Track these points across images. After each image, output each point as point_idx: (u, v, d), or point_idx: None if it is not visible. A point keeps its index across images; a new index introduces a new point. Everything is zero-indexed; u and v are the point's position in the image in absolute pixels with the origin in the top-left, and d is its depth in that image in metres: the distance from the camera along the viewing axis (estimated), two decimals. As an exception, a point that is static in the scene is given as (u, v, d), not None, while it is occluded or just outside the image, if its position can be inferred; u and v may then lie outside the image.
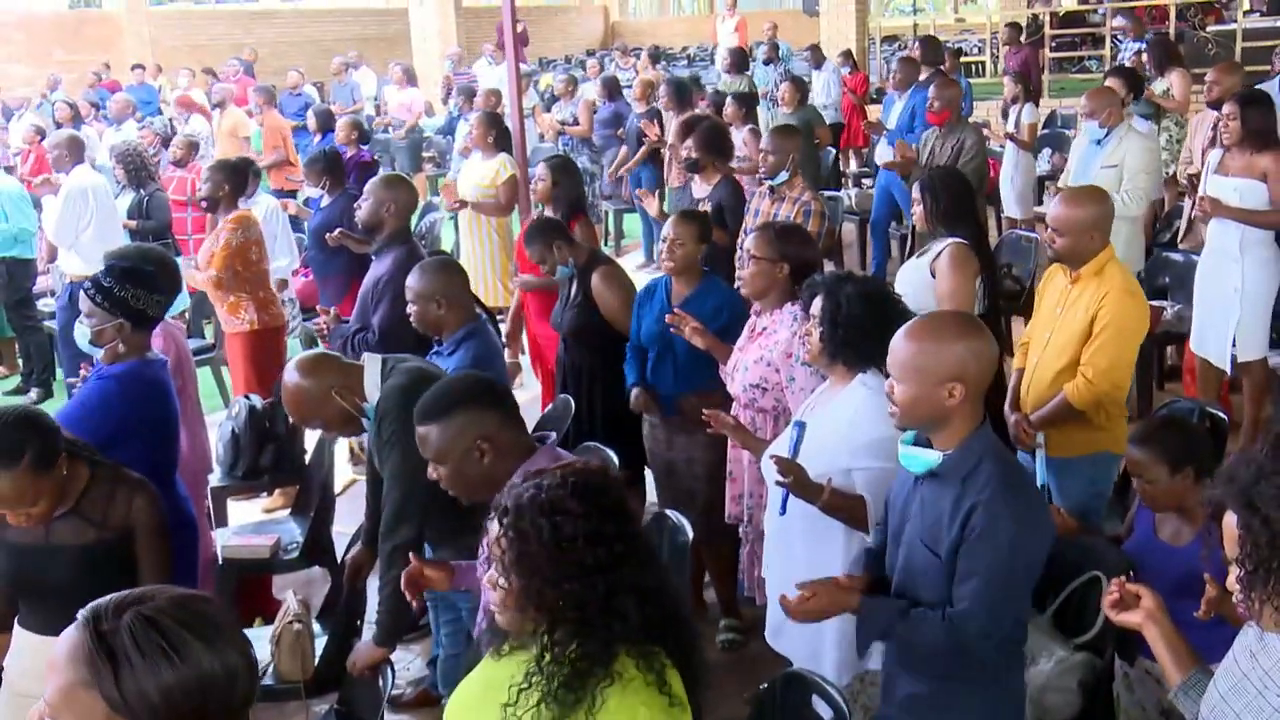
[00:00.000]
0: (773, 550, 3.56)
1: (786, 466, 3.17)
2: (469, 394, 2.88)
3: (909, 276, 4.85)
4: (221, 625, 1.66)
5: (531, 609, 2.03)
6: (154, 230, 8.12)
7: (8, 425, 2.87)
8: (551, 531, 2.00)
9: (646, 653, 2.02)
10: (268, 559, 4.65)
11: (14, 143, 12.23)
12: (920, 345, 2.64)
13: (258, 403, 5.38)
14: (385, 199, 5.35)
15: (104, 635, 1.59)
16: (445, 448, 2.83)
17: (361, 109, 15.03)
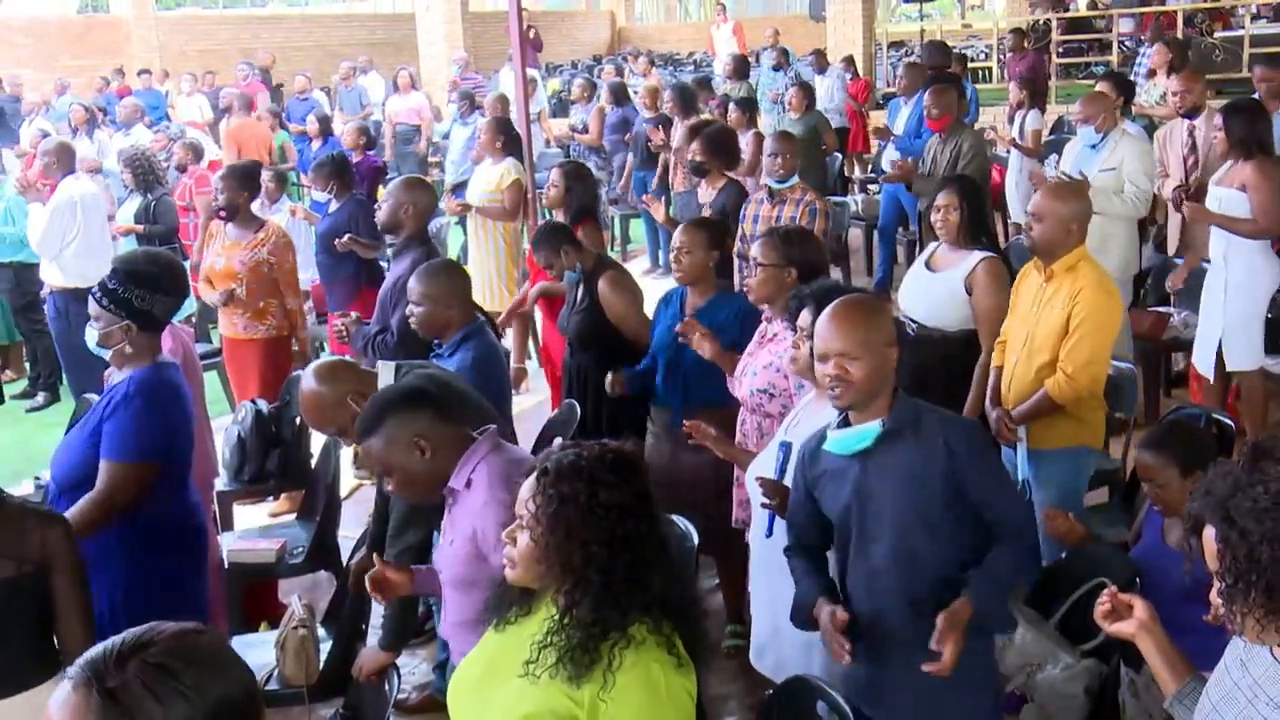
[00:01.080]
0: (759, 572, 3.54)
1: (772, 489, 3.17)
2: (395, 401, 2.93)
3: (928, 288, 4.83)
4: (222, 652, 1.65)
5: (557, 566, 2.16)
6: (161, 234, 8.15)
7: None
8: (589, 496, 2.14)
9: (657, 618, 2.16)
10: (273, 563, 4.66)
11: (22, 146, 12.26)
12: (866, 320, 2.86)
13: (264, 407, 5.39)
14: (405, 201, 5.38)
15: (114, 692, 1.54)
16: (386, 455, 2.88)
17: (370, 114, 15.06)
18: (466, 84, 14.43)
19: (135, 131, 11.85)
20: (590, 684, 2.10)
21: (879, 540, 2.85)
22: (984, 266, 4.69)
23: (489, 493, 2.83)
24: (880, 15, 20.16)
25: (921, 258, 5.10)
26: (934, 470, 2.79)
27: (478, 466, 2.89)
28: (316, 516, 4.92)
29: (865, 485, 2.85)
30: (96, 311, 3.72)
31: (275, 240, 6.10)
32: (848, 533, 2.92)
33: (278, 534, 4.99)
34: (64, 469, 3.62)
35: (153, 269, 3.99)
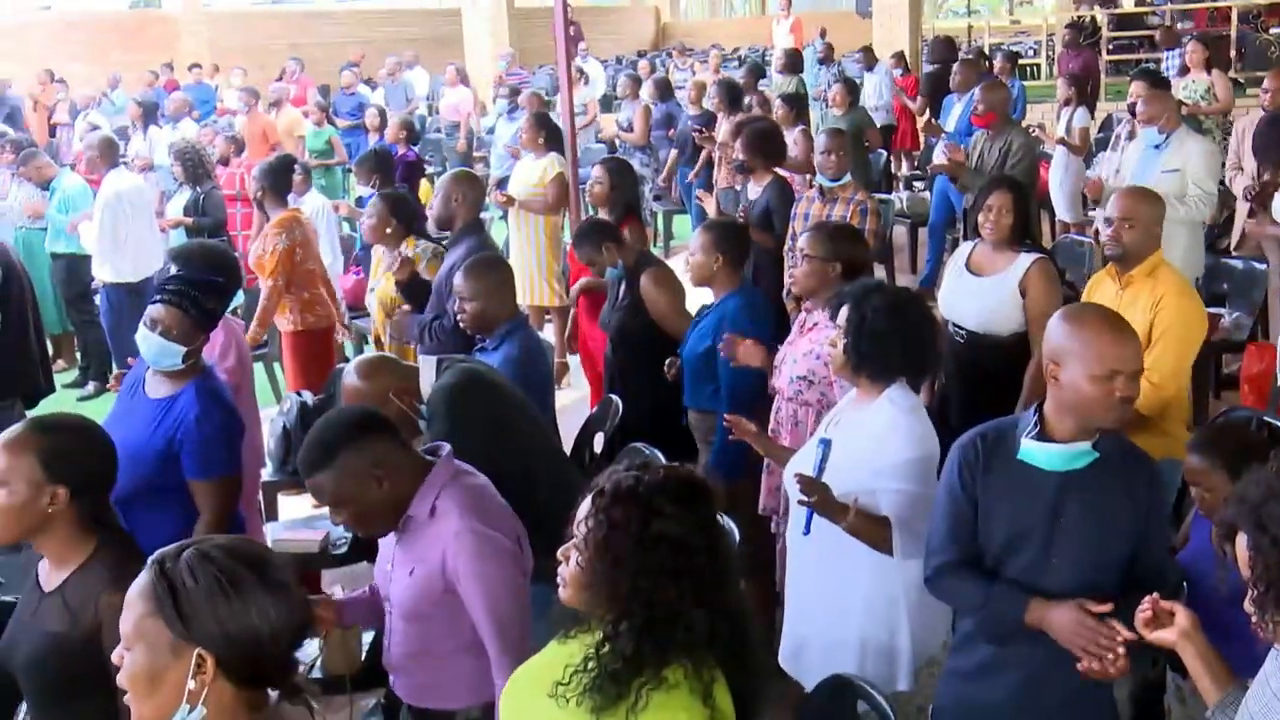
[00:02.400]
0: (795, 570, 3.51)
1: (810, 485, 3.12)
2: (348, 430, 2.75)
3: (978, 293, 4.73)
4: (271, 565, 1.83)
5: (602, 594, 2.05)
6: (210, 227, 8.24)
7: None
8: (640, 525, 2.03)
9: (700, 663, 2.03)
10: (317, 553, 4.69)
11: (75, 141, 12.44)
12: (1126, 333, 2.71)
13: (309, 399, 5.43)
14: (454, 192, 5.42)
15: (166, 570, 1.79)
16: (342, 490, 2.72)
17: (415, 109, 15.14)
18: (512, 79, 14.48)
19: (183, 126, 11.98)
20: (612, 719, 2.01)
21: (1059, 567, 2.68)
22: (1038, 268, 4.61)
23: (461, 522, 2.72)
24: (927, 11, 20.03)
25: (958, 259, 4.95)
26: (1135, 508, 2.67)
27: (441, 493, 2.78)
28: (360, 508, 4.95)
29: (1061, 505, 2.66)
30: (184, 327, 3.62)
31: (282, 230, 6.12)
32: (1015, 551, 2.71)
33: (321, 525, 5.01)
34: (133, 482, 3.33)
35: (227, 278, 4.00)
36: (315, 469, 2.72)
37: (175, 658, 1.75)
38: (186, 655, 1.74)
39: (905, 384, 3.27)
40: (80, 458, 2.68)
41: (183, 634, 1.74)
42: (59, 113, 15.33)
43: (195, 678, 1.74)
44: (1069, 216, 9.10)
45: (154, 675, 1.75)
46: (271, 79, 15.33)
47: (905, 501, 3.11)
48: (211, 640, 1.75)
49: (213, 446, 3.56)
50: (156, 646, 1.75)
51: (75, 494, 2.63)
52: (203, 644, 1.74)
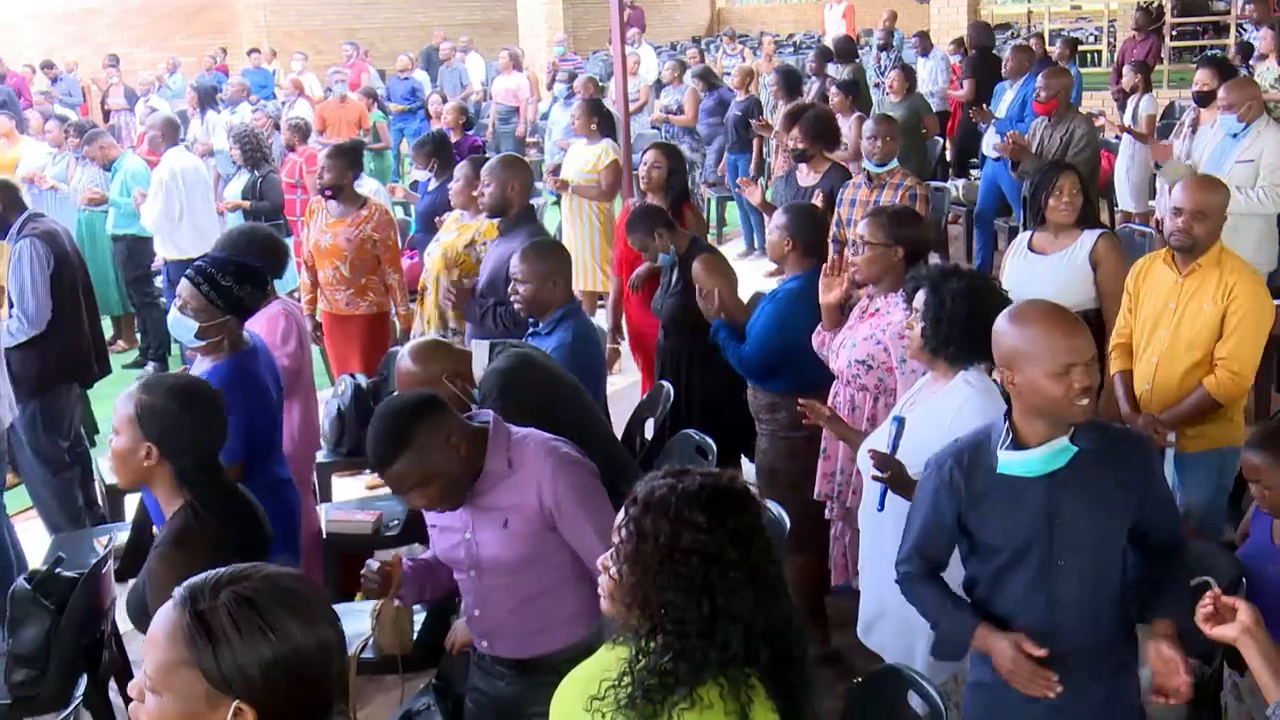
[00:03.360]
0: (868, 546, 3.52)
1: (884, 461, 3.13)
2: (414, 410, 2.76)
3: (1049, 269, 4.74)
4: (312, 601, 1.70)
5: (635, 607, 1.98)
6: (267, 211, 8.32)
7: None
8: (670, 538, 1.94)
9: (737, 681, 1.95)
10: (370, 535, 4.74)
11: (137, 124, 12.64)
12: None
13: (363, 382, 5.49)
14: (507, 179, 5.34)
15: (202, 615, 1.62)
16: (426, 468, 2.73)
17: (470, 94, 15.19)
18: (567, 65, 14.49)
19: (240, 110, 12.12)
20: None
21: (1065, 567, 2.67)
22: (1106, 241, 4.69)
23: (551, 458, 2.79)
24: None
25: (1019, 243, 4.98)
26: (1127, 491, 2.66)
27: (511, 445, 2.84)
28: (411, 491, 4.99)
29: (1053, 509, 2.64)
30: (200, 303, 3.72)
31: (379, 217, 6.21)
32: (1021, 560, 2.69)
33: (374, 506, 5.07)
34: None
35: (259, 261, 4.04)
36: (393, 456, 2.72)
37: (210, 708, 1.63)
38: (224, 706, 1.62)
39: (981, 367, 3.26)
40: (167, 419, 2.77)
41: (222, 686, 1.61)
42: (113, 97, 15.57)
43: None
44: (1133, 206, 8.96)
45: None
46: (328, 63, 15.45)
47: None
48: (253, 690, 1.62)
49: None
50: (191, 697, 1.62)
51: (165, 453, 2.77)
52: (242, 695, 1.62)
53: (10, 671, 3.71)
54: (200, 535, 2.70)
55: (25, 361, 4.91)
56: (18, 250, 5.15)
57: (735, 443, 4.88)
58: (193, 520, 2.75)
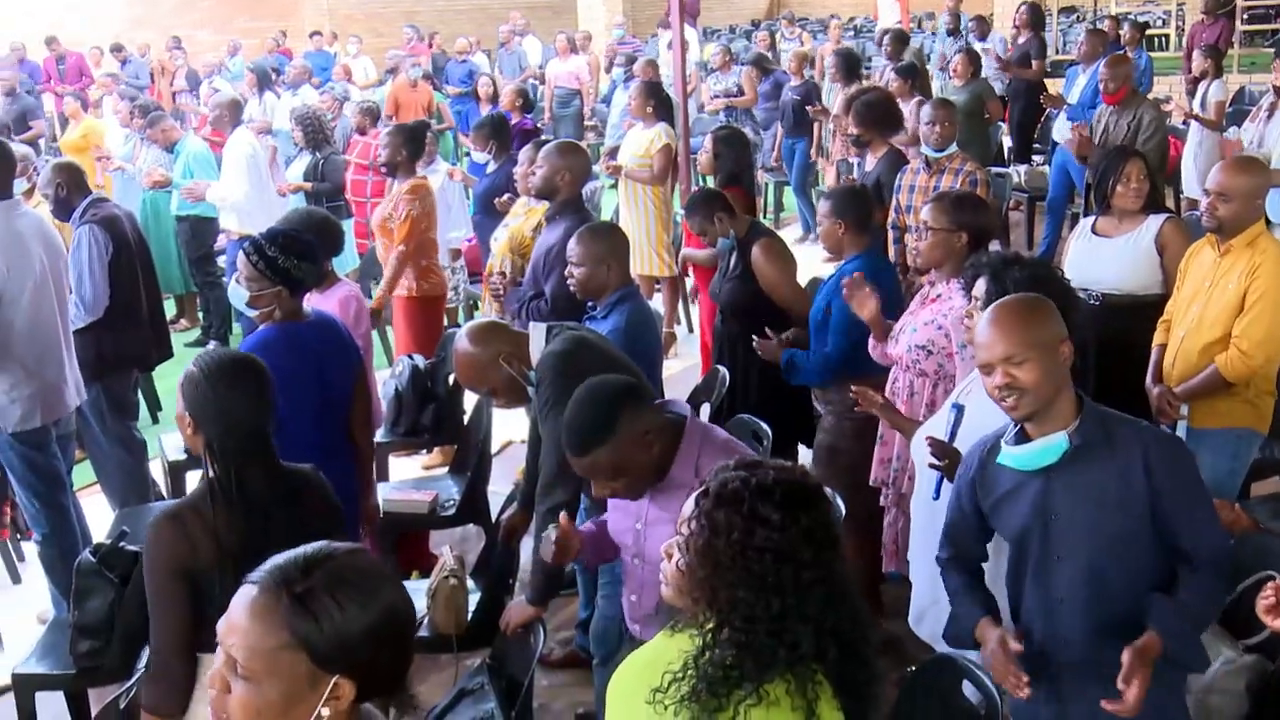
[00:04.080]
0: (920, 534, 3.48)
1: (942, 449, 3.10)
2: (620, 398, 2.78)
3: (1114, 252, 4.70)
4: (385, 572, 1.76)
5: (702, 600, 1.96)
6: (328, 192, 8.40)
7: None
8: (743, 534, 1.92)
9: (804, 678, 1.93)
10: (426, 514, 4.79)
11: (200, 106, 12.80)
12: (1030, 319, 2.64)
13: (421, 363, 5.53)
14: (560, 167, 5.28)
15: (302, 596, 1.65)
16: (622, 459, 2.74)
17: (529, 77, 15.22)
18: (625, 49, 14.46)
19: (303, 92, 12.23)
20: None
21: (1064, 563, 2.65)
22: (1172, 225, 4.66)
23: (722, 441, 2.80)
24: (1051, -21, 19.43)
25: (1083, 227, 4.96)
26: (1131, 489, 2.56)
27: (701, 454, 2.78)
28: (468, 471, 5.03)
29: (1048, 504, 2.63)
30: (251, 273, 3.80)
31: (414, 197, 6.17)
32: (1025, 554, 2.71)
33: (430, 486, 5.12)
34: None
35: (311, 236, 4.09)
36: (595, 444, 2.73)
37: (311, 687, 1.65)
38: (323, 683, 1.65)
39: None
40: (197, 391, 2.81)
41: (324, 664, 1.64)
42: (178, 79, 15.78)
43: (329, 703, 1.66)
44: (1199, 193, 8.79)
45: (285, 706, 1.66)
46: (388, 46, 15.54)
47: None
48: (353, 665, 1.66)
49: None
50: (293, 678, 1.65)
51: (197, 425, 2.80)
52: (343, 671, 1.65)
53: (76, 642, 3.78)
54: (199, 515, 2.71)
55: (85, 347, 4.99)
56: (77, 237, 5.22)
57: (791, 429, 4.86)
58: (203, 498, 2.75)
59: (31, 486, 4.71)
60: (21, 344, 4.54)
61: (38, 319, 4.58)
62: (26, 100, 13.79)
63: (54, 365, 4.68)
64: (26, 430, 4.61)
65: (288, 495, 2.81)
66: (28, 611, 4.90)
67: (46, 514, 4.74)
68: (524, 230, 5.73)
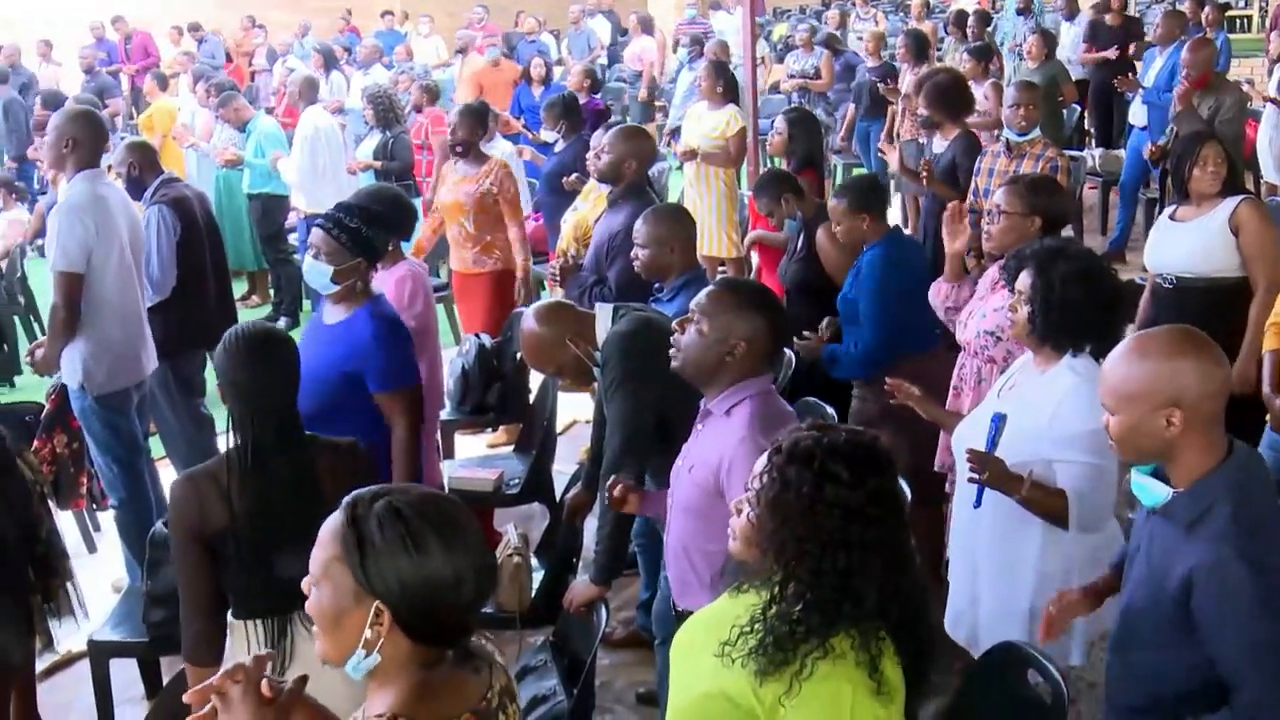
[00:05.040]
0: (960, 539, 3.42)
1: (983, 461, 3.00)
2: (768, 302, 2.96)
3: (1188, 236, 4.62)
4: (461, 528, 1.81)
5: (770, 554, 2.02)
6: (397, 171, 8.47)
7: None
8: (813, 489, 1.97)
9: (868, 634, 1.97)
10: (491, 492, 4.82)
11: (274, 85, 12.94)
12: (1129, 368, 2.32)
13: (487, 341, 5.56)
14: (626, 153, 5.23)
15: (356, 519, 1.79)
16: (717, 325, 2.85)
17: (598, 57, 15.20)
18: (695, 29, 14.39)
19: (374, 71, 12.31)
20: (776, 684, 1.96)
21: (1133, 612, 2.46)
22: (1248, 205, 4.54)
23: (747, 431, 2.77)
24: (1132, -42, 19.01)
25: (1166, 213, 4.88)
26: (1176, 573, 2.28)
27: (745, 401, 2.85)
28: (533, 450, 5.07)
29: (1138, 540, 2.46)
30: (331, 247, 3.79)
31: (497, 171, 6.26)
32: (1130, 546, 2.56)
33: (496, 464, 5.16)
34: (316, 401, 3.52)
35: (386, 207, 4.13)
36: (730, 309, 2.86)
37: (356, 604, 1.77)
38: (367, 605, 1.76)
39: (1088, 352, 3.15)
40: (219, 362, 2.95)
41: (365, 584, 1.76)
42: (257, 58, 15.97)
43: (372, 628, 1.76)
44: (1277, 179, 8.59)
45: (337, 615, 1.79)
46: (458, 25, 15.59)
47: (1084, 474, 3.00)
48: (390, 595, 1.76)
49: (394, 360, 3.73)
50: (340, 590, 1.78)
51: (224, 394, 2.94)
52: (382, 597, 1.76)
53: (148, 611, 3.87)
54: (214, 480, 2.85)
55: (152, 326, 5.08)
56: (146, 217, 5.29)
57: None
58: (221, 465, 2.88)
59: (111, 450, 4.82)
60: (109, 307, 4.70)
61: (123, 283, 4.75)
62: (104, 79, 14.04)
63: (136, 329, 4.86)
64: (110, 393, 4.74)
65: (308, 467, 2.90)
66: (103, 580, 5.02)
67: (124, 479, 4.86)
68: (589, 218, 5.74)
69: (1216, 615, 2.23)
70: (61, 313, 4.60)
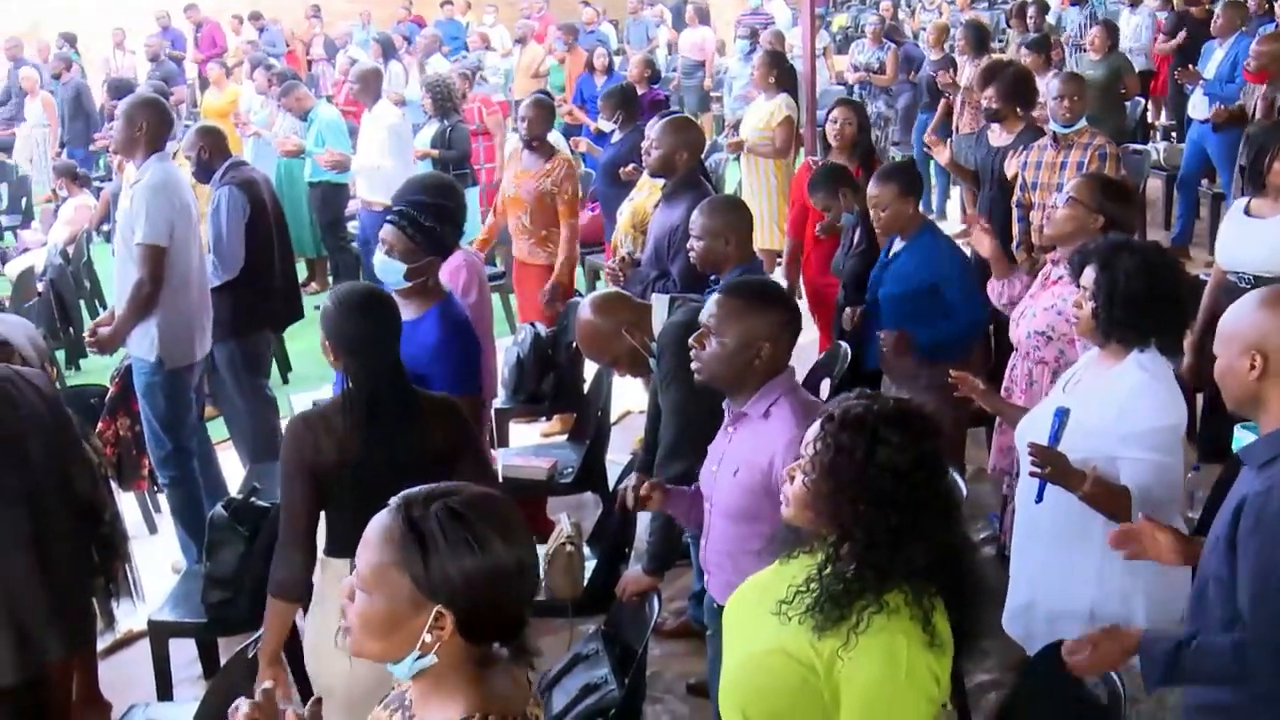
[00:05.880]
0: (1022, 538, 3.37)
1: (1045, 456, 2.97)
2: (777, 295, 2.97)
3: (1266, 232, 4.51)
4: (514, 522, 1.81)
5: (825, 516, 2.12)
6: (455, 160, 8.50)
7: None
8: (866, 452, 2.07)
9: (919, 589, 2.07)
10: (545, 481, 4.84)
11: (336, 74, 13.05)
12: (1232, 312, 2.48)
13: (542, 330, 5.58)
14: (677, 144, 5.23)
15: (415, 522, 1.75)
16: (736, 331, 2.85)
17: (656, 47, 15.19)
18: (758, 19, 14.33)
19: (433, 61, 12.38)
20: (833, 639, 2.06)
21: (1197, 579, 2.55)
22: None
23: (797, 430, 2.72)
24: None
25: (1236, 209, 4.78)
26: (1224, 520, 2.39)
27: (779, 400, 2.87)
28: (587, 439, 5.08)
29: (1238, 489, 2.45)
30: (405, 245, 3.78)
31: (561, 171, 6.27)
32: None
33: (549, 453, 5.18)
34: None
35: (452, 203, 4.14)
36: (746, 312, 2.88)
37: (414, 610, 1.74)
38: (426, 609, 1.74)
39: (1155, 348, 3.11)
40: (327, 319, 3.10)
41: (427, 590, 1.73)
42: (314, 47, 16.11)
43: (431, 631, 1.74)
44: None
45: (391, 622, 1.75)
46: (518, 15, 15.64)
47: (1149, 471, 2.96)
48: (455, 597, 1.73)
49: (457, 368, 3.69)
50: (397, 597, 1.74)
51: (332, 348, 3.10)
52: (444, 602, 1.73)
53: (207, 592, 3.93)
54: (328, 422, 3.04)
55: (220, 305, 5.18)
56: (218, 198, 5.40)
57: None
58: (336, 408, 3.07)
59: (170, 429, 4.92)
60: (191, 281, 4.88)
61: (199, 260, 4.96)
62: (169, 66, 14.24)
63: (203, 306, 5.02)
64: (180, 367, 4.87)
65: (413, 416, 3.06)
66: (163, 561, 5.10)
67: (176, 458, 4.96)
68: (646, 206, 5.73)
69: (1246, 542, 2.32)
70: (147, 286, 4.74)
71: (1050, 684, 2.84)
